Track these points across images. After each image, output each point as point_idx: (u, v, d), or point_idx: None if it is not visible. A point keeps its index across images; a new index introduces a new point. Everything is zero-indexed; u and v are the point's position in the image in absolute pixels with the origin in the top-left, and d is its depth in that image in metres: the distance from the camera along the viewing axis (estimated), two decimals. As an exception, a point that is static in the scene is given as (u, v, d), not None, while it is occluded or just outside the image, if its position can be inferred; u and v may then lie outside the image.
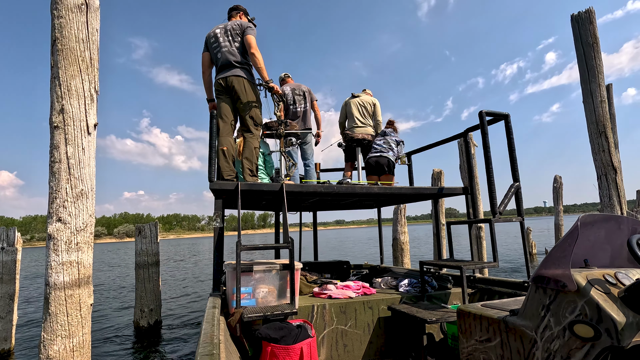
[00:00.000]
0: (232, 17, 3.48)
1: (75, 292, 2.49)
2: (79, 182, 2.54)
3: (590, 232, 1.44)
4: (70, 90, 2.56)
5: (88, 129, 2.64)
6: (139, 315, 5.82)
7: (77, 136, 2.55)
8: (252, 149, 3.23)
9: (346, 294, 3.00)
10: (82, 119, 2.60)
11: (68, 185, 2.49)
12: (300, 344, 2.20)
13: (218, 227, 2.88)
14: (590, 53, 4.65)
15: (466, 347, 1.69)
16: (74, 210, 2.51)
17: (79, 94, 2.60)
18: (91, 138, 2.66)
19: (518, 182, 3.15)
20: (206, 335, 1.52)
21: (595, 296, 1.17)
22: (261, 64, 3.19)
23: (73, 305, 2.46)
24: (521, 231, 3.07)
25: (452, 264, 2.92)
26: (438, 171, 8.87)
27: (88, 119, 2.64)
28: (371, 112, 4.70)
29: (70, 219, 2.50)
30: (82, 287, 2.53)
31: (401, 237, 8.65)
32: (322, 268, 4.28)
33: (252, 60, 3.23)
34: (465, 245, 19.07)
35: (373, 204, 4.85)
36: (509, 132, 3.16)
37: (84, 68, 2.64)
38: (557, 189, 14.24)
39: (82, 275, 2.54)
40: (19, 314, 7.56)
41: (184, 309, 7.87)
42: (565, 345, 1.23)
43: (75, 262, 2.50)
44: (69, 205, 2.49)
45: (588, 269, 1.32)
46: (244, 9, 3.54)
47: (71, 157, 2.52)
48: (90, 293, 2.62)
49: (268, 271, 2.60)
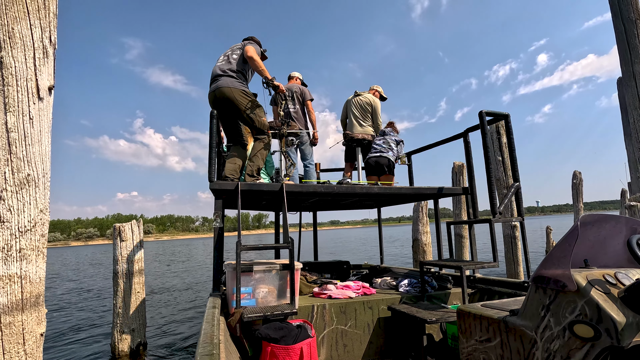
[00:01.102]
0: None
1: (16, 318, 1.78)
2: (25, 164, 1.86)
3: (590, 232, 1.44)
4: (13, 37, 1.87)
5: (39, 93, 1.94)
6: (118, 337, 4.60)
7: (22, 101, 1.87)
8: (257, 151, 3.21)
9: (346, 294, 3.00)
10: (31, 78, 1.91)
11: (8, 168, 1.80)
12: (300, 344, 2.20)
13: (218, 227, 2.88)
14: (633, 30, 4.02)
15: (466, 347, 1.69)
16: (17, 202, 1.82)
17: (25, 43, 1.91)
18: (44, 105, 1.98)
19: (518, 182, 3.15)
20: (206, 335, 1.52)
21: (595, 296, 1.17)
22: (260, 66, 3.18)
23: (13, 337, 1.77)
24: (521, 231, 3.07)
25: (452, 264, 2.92)
26: (459, 164, 7.97)
27: (39, 79, 1.95)
28: (370, 113, 4.66)
29: (11, 215, 1.80)
30: (27, 311, 1.83)
31: (422, 237, 7.38)
32: (322, 268, 4.29)
33: (251, 64, 3.22)
34: (486, 246, 18.76)
35: (373, 204, 4.85)
36: (509, 132, 3.16)
37: (33, 10, 1.95)
38: (576, 185, 13.31)
39: (27, 295, 1.84)
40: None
41: (177, 326, 6.42)
42: (565, 345, 1.23)
43: (17, 275, 1.80)
44: (9, 195, 1.80)
45: (588, 269, 1.32)
46: (258, 40, 3.56)
47: (12, 128, 1.82)
48: (41, 318, 1.92)
49: (268, 271, 2.60)
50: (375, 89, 4.88)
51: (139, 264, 4.84)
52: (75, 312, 8.15)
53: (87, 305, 9.01)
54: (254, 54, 3.17)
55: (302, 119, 4.49)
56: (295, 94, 4.50)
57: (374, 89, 4.89)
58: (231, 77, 3.19)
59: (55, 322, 7.10)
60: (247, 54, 3.18)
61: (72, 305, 9.05)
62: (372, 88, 4.91)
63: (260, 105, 3.29)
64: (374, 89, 4.89)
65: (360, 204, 4.79)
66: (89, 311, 8.17)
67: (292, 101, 4.53)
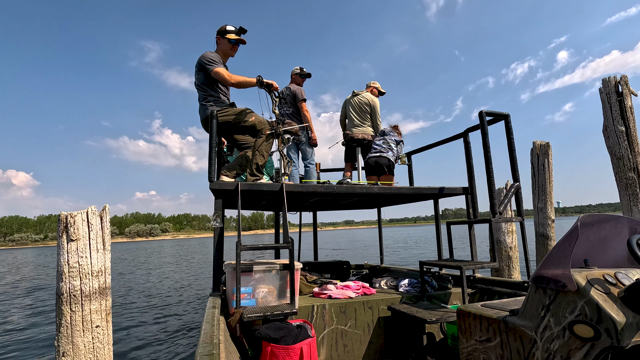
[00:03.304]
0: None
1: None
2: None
3: (590, 232, 1.44)
4: None
5: None
6: None
7: None
8: (257, 148, 3.14)
9: (346, 294, 3.00)
10: None
11: None
12: (300, 344, 2.20)
13: (218, 227, 2.88)
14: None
15: (466, 347, 1.69)
16: None
17: None
18: None
19: (518, 182, 3.15)
20: (206, 335, 1.52)
21: (595, 296, 1.17)
22: (241, 84, 3.14)
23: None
24: (521, 231, 3.07)
25: (452, 264, 2.92)
26: (544, 144, 5.58)
27: None
28: (369, 113, 4.62)
29: None
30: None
31: (506, 238, 5.53)
32: (322, 268, 4.28)
33: (232, 86, 3.21)
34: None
35: (373, 204, 4.85)
36: (509, 132, 3.16)
37: None
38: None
39: None
40: None
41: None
42: (565, 345, 1.23)
43: None
44: None
45: (588, 269, 1.32)
46: (220, 29, 3.32)
47: None
48: None
49: (268, 271, 2.60)
50: (373, 86, 4.83)
51: (100, 280, 2.98)
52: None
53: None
54: (219, 76, 3.10)
55: (299, 120, 4.46)
56: (288, 97, 4.46)
57: (371, 86, 4.84)
58: (202, 107, 3.23)
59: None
60: (226, 84, 3.21)
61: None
62: (369, 85, 4.86)
63: (243, 110, 3.22)
64: (371, 86, 4.84)
65: (360, 204, 4.79)
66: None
67: (287, 104, 4.48)
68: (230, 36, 3.30)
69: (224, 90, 3.36)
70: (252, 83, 3.12)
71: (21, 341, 5.77)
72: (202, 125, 3.33)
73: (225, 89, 3.39)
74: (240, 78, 3.13)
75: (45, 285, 13.16)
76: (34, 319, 7.38)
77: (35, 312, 8.17)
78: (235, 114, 3.18)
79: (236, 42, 3.35)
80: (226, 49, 3.33)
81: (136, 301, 8.79)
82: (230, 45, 3.33)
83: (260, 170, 3.16)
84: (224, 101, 3.30)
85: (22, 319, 7.51)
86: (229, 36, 3.30)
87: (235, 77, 3.13)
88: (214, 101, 3.22)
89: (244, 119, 3.17)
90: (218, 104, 3.22)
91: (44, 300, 9.80)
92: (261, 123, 3.21)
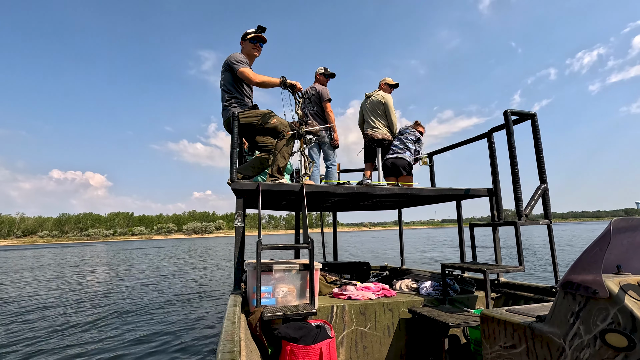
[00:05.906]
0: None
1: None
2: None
3: (624, 237, 1.37)
4: None
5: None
6: None
7: None
8: (279, 150, 3.16)
9: (366, 296, 2.98)
10: None
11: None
12: (319, 344, 2.21)
13: (240, 226, 2.92)
14: None
15: (490, 353, 1.65)
16: None
17: None
18: None
19: (545, 184, 3.04)
20: (227, 332, 1.54)
21: (629, 304, 1.11)
22: (265, 84, 3.17)
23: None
24: (549, 235, 2.97)
25: (474, 267, 2.85)
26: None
27: None
28: (382, 112, 4.58)
29: None
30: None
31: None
32: (341, 269, 4.28)
33: (256, 86, 3.25)
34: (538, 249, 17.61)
35: (394, 205, 4.80)
36: (536, 132, 3.06)
37: None
38: None
39: None
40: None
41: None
42: (597, 354, 1.18)
43: None
44: None
45: (621, 275, 1.26)
46: (244, 33, 3.41)
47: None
48: None
49: (288, 271, 2.62)
50: (384, 82, 4.79)
51: None
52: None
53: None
54: (245, 76, 3.16)
55: (323, 120, 4.48)
56: (312, 97, 4.49)
57: (381, 83, 4.81)
58: (225, 110, 3.28)
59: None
60: (251, 84, 3.26)
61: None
62: (380, 83, 4.83)
63: (265, 112, 3.25)
64: (381, 83, 4.81)
65: (381, 205, 4.75)
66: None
67: (311, 104, 4.51)
68: (250, 36, 3.40)
69: (248, 92, 3.42)
70: (276, 83, 3.17)
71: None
72: (225, 127, 3.39)
73: (250, 91, 3.45)
74: (264, 78, 3.19)
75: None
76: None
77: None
78: (258, 116, 3.22)
79: (256, 41, 3.42)
80: (249, 50, 3.41)
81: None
82: (252, 45, 3.40)
83: (281, 172, 3.18)
84: (247, 103, 3.36)
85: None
86: (249, 37, 3.39)
87: (260, 76, 3.20)
88: (237, 103, 3.29)
89: (266, 121, 3.21)
90: (241, 106, 3.28)
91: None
92: (282, 125, 3.23)
